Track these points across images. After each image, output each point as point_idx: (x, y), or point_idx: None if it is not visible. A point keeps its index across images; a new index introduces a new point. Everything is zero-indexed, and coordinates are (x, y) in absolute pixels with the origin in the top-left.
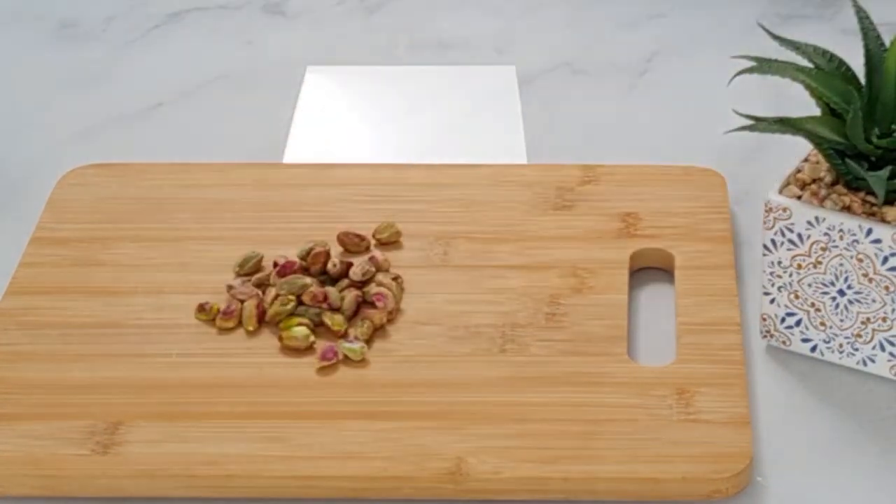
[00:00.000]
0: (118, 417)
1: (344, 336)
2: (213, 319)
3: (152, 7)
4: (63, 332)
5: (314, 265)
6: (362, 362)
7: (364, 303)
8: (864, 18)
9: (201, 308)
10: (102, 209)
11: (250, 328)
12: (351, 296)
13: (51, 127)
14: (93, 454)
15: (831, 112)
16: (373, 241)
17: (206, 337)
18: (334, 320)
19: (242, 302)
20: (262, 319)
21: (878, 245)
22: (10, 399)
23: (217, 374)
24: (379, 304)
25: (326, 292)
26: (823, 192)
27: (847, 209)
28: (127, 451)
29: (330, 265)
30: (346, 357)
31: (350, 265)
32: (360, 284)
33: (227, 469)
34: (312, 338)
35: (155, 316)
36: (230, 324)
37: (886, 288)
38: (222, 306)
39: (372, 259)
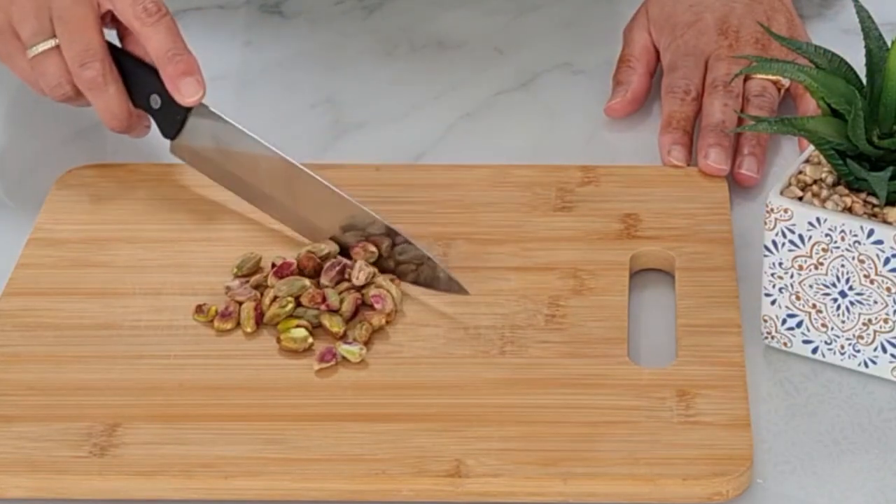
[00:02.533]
0: (116, 419)
1: (342, 338)
2: (212, 321)
3: None
4: (60, 333)
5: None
6: (361, 364)
7: (363, 305)
8: (865, 18)
9: (199, 309)
10: (100, 210)
11: (248, 329)
12: (350, 298)
13: (49, 127)
14: (90, 456)
15: (832, 112)
16: None
17: (204, 338)
18: (333, 322)
19: (240, 304)
20: (260, 321)
21: (880, 246)
22: (7, 401)
23: (215, 375)
24: (377, 306)
25: (325, 294)
26: (825, 192)
27: (848, 210)
28: (124, 453)
29: None
30: (344, 359)
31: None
32: (360, 287)
33: (225, 471)
34: (311, 339)
35: (153, 317)
36: (228, 325)
37: (888, 289)
38: (220, 308)
39: None
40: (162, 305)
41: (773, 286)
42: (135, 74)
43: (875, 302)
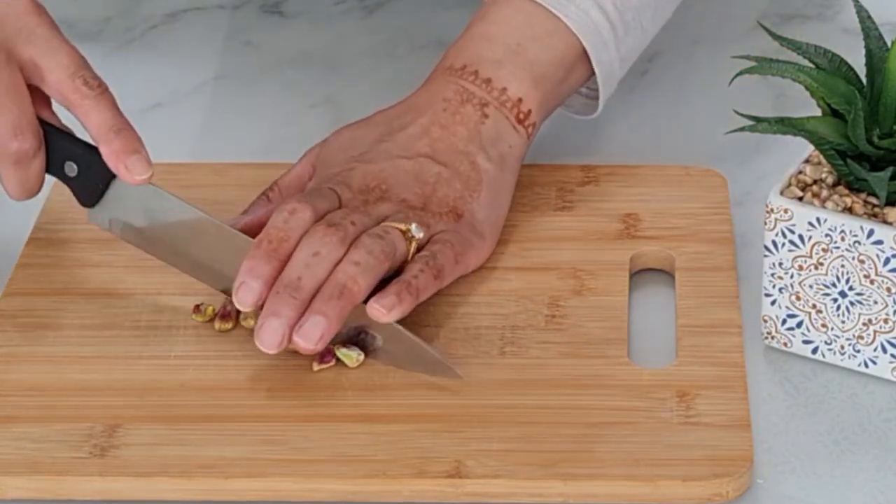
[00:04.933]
0: (116, 420)
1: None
2: (210, 321)
3: (149, 7)
4: (60, 333)
5: None
6: (361, 365)
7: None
8: (865, 18)
9: (196, 309)
10: None
11: (252, 324)
12: None
13: None
14: (90, 457)
15: (833, 112)
16: None
17: (204, 338)
18: None
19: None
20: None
21: (880, 246)
22: (7, 401)
23: (215, 376)
24: None
25: None
26: (825, 193)
27: (848, 210)
28: (125, 454)
29: None
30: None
31: None
32: None
33: (226, 472)
34: None
35: (153, 317)
36: (229, 325)
37: (888, 289)
38: (219, 308)
39: None
40: (162, 305)
41: (773, 286)
42: (48, 140)
43: (875, 302)
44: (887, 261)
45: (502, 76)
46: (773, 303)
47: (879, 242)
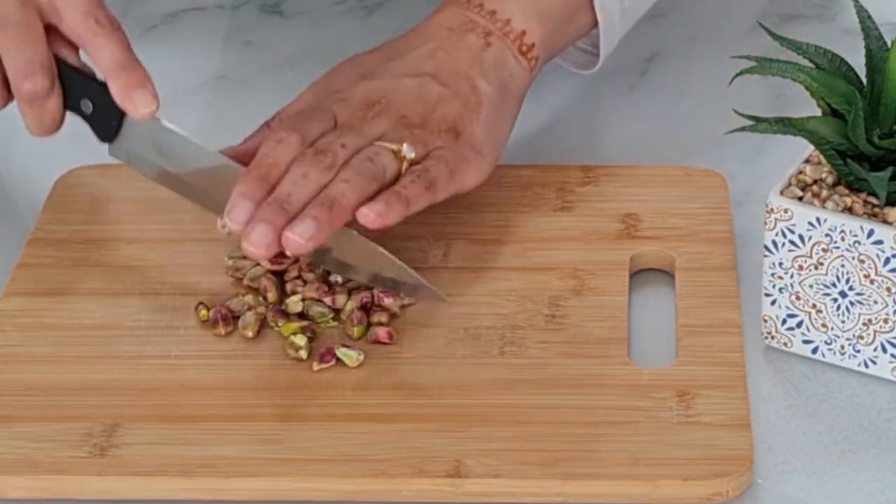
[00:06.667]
0: (115, 419)
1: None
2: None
3: (149, 7)
4: (60, 333)
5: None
6: (361, 364)
7: (373, 305)
8: (865, 18)
9: (197, 309)
10: (100, 210)
11: (249, 335)
12: (356, 297)
13: None
14: (90, 456)
15: (833, 112)
16: None
17: (204, 339)
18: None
19: (231, 312)
20: (262, 325)
21: (880, 246)
22: (7, 401)
23: (215, 376)
24: (387, 300)
25: (335, 290)
26: (825, 193)
27: (848, 210)
28: (124, 454)
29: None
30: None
31: None
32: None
33: (225, 471)
34: (310, 346)
35: (153, 317)
36: (229, 328)
37: (888, 289)
38: (215, 313)
39: None
40: (162, 305)
41: (773, 286)
42: (65, 79)
43: (875, 302)
44: (887, 261)
45: (507, 8)
46: (773, 303)
47: (879, 242)
